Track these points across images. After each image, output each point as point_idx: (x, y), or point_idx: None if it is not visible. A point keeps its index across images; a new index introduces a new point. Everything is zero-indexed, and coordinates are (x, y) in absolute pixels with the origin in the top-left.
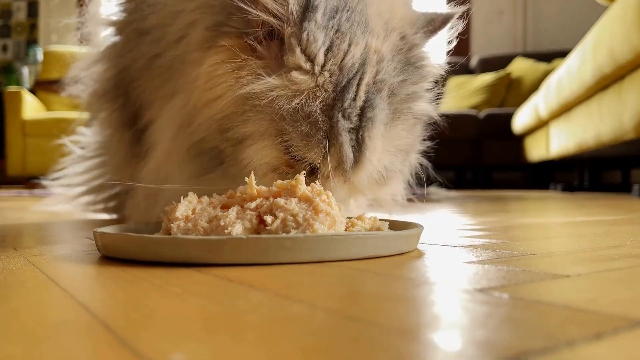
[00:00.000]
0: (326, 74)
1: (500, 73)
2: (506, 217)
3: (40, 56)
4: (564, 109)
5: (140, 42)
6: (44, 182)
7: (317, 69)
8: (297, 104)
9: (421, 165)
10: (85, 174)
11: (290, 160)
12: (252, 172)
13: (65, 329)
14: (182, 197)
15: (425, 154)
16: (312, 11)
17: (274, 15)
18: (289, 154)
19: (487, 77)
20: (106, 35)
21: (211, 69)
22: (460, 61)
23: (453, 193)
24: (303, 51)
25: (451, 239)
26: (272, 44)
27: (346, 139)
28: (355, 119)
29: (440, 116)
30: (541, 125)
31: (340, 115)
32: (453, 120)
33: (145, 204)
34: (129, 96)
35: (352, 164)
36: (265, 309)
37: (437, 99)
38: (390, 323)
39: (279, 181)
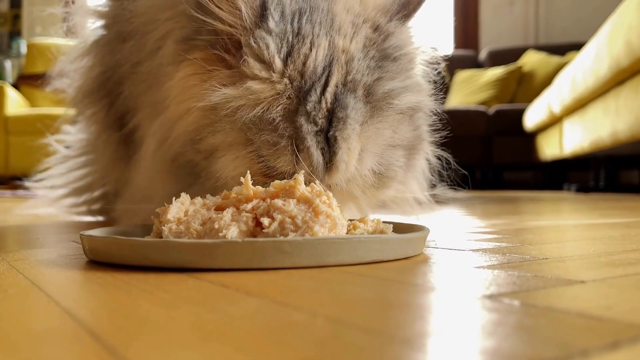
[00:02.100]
0: (286, 80)
1: (511, 67)
2: (517, 219)
3: (23, 49)
4: (579, 105)
5: (123, 47)
6: (27, 184)
7: (275, 76)
8: (258, 113)
9: (439, 158)
10: (69, 174)
11: (267, 171)
12: (229, 182)
13: (50, 337)
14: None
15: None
16: (265, 18)
17: (231, 25)
18: (262, 165)
19: (497, 71)
20: (93, 28)
21: (181, 83)
22: (469, 54)
23: (461, 194)
24: (257, 59)
25: (459, 243)
26: (240, 53)
27: (312, 143)
28: (321, 121)
29: (446, 112)
30: (554, 122)
31: (303, 119)
32: (460, 117)
33: (136, 206)
34: (115, 97)
35: (323, 168)
36: (262, 316)
37: (439, 93)
38: (393, 331)
39: (277, 181)
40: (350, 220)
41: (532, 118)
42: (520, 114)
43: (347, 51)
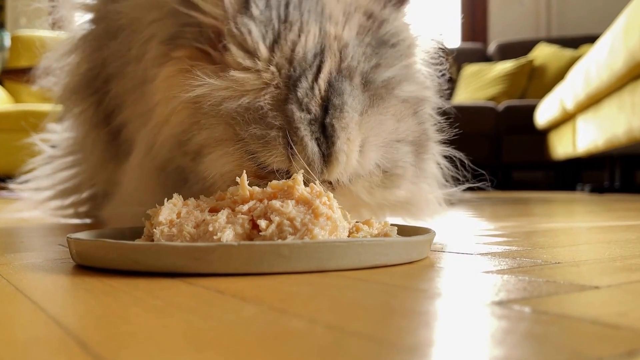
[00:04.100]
0: (273, 69)
1: (521, 60)
2: (528, 221)
3: (7, 42)
4: (593, 101)
5: (111, 44)
6: (11, 186)
7: (260, 65)
8: (244, 104)
9: (451, 157)
10: (55, 175)
11: (259, 171)
12: (217, 182)
13: (35, 346)
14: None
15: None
16: (248, 5)
17: (214, 18)
18: (253, 162)
19: (507, 65)
20: (81, 22)
21: (166, 82)
22: (477, 47)
23: (468, 194)
24: (240, 47)
25: (467, 246)
26: (224, 47)
27: (306, 132)
28: (315, 108)
29: (452, 108)
30: (567, 118)
31: (294, 107)
32: (468, 113)
33: (126, 207)
34: (103, 95)
35: (320, 160)
36: (259, 324)
37: (444, 87)
38: (397, 339)
39: (274, 181)
40: (356, 222)
41: (543, 115)
42: (531, 110)
43: (339, 38)
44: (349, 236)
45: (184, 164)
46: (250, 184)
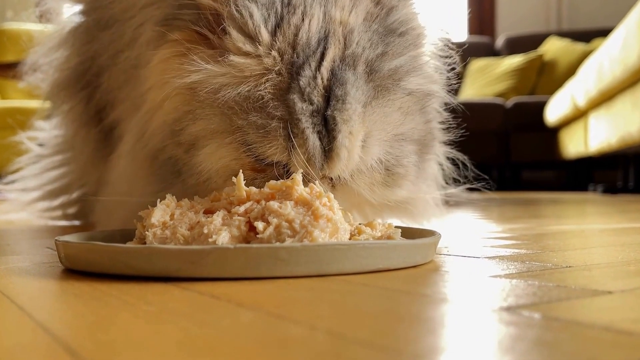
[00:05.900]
0: (274, 54)
1: (531, 55)
2: (538, 223)
3: None
4: (605, 97)
5: (102, 36)
6: None
7: (262, 50)
8: (243, 91)
9: (454, 160)
10: (43, 175)
11: (256, 164)
12: (213, 177)
13: (22, 353)
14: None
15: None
16: None
17: None
18: (251, 154)
19: (516, 60)
20: (70, 15)
21: (160, 65)
22: (484, 41)
23: (475, 195)
24: (240, 31)
25: (473, 249)
26: (224, 31)
27: (308, 124)
28: (317, 99)
29: (459, 105)
30: (579, 115)
31: (296, 96)
32: (475, 110)
33: (115, 208)
34: (94, 90)
35: (321, 154)
36: (256, 330)
37: (451, 83)
38: (401, 347)
39: (272, 182)
40: (359, 224)
41: (554, 112)
42: (541, 107)
43: (345, 23)
44: (350, 239)
45: (177, 155)
46: (246, 178)
